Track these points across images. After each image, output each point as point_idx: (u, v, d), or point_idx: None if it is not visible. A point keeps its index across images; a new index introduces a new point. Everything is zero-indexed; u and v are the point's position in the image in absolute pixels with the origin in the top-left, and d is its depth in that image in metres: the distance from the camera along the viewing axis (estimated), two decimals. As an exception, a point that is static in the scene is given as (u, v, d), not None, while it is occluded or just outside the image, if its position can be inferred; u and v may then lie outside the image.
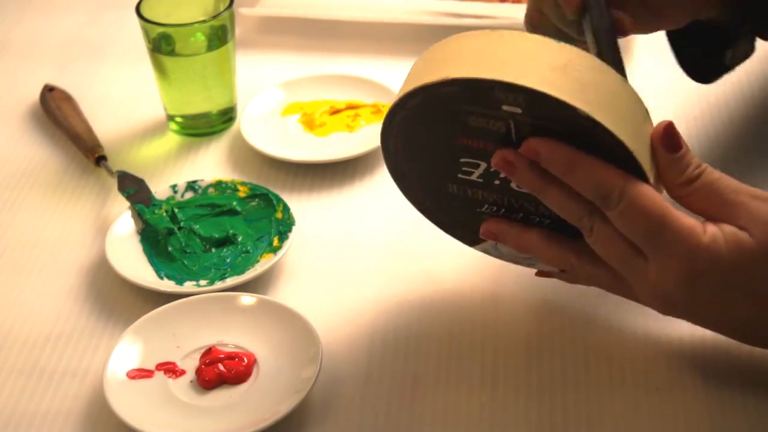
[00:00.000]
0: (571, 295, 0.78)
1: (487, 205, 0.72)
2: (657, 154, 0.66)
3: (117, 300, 0.81)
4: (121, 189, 0.88)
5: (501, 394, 0.72)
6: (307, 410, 0.72)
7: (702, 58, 0.88)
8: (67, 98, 1.00)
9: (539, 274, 0.75)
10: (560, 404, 0.71)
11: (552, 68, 0.63)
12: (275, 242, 0.84)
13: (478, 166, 0.70)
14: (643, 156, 0.65)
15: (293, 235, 0.84)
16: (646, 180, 0.65)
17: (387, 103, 0.98)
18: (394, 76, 1.02)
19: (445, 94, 0.66)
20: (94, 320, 0.80)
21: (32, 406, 0.74)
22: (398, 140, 0.72)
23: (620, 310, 0.77)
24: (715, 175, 0.67)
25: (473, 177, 0.71)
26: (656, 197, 0.65)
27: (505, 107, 0.64)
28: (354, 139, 0.95)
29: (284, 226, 0.85)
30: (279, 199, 0.87)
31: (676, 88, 0.99)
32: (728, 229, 0.65)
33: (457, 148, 0.70)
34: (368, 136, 0.95)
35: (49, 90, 1.01)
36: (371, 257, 0.84)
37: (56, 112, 0.99)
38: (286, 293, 0.81)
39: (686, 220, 0.65)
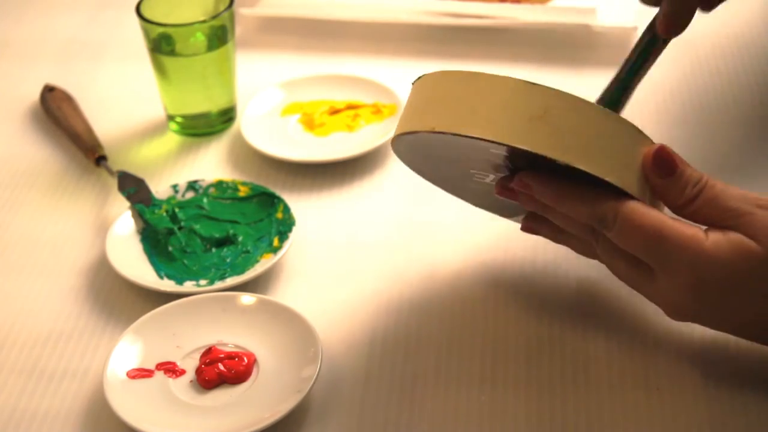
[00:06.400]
0: (571, 296, 0.79)
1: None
2: (650, 181, 0.67)
3: (117, 300, 0.81)
4: (121, 189, 0.88)
5: (501, 394, 0.72)
6: (307, 410, 0.72)
7: None
8: (67, 98, 1.00)
9: (525, 228, 0.76)
10: (560, 404, 0.71)
11: (530, 118, 0.65)
12: (275, 242, 0.84)
13: (488, 176, 0.73)
14: (633, 183, 0.66)
15: (293, 235, 0.84)
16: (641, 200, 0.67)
17: (387, 103, 0.98)
18: (394, 76, 1.02)
19: (436, 137, 0.68)
20: (94, 320, 0.80)
21: (32, 406, 0.74)
22: (408, 160, 0.77)
23: (620, 309, 0.77)
24: (716, 189, 0.66)
25: (488, 180, 0.73)
26: (651, 213, 0.66)
27: (492, 150, 0.67)
28: (354, 139, 0.95)
29: (284, 226, 0.85)
30: (279, 199, 0.87)
31: (680, 86, 0.99)
32: (734, 236, 0.65)
33: (464, 166, 0.73)
34: (368, 136, 0.95)
35: (49, 90, 1.01)
36: (371, 257, 0.84)
37: (56, 112, 0.99)
38: (286, 293, 0.81)
39: (686, 229, 0.65)
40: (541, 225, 0.74)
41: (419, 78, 0.71)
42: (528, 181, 0.69)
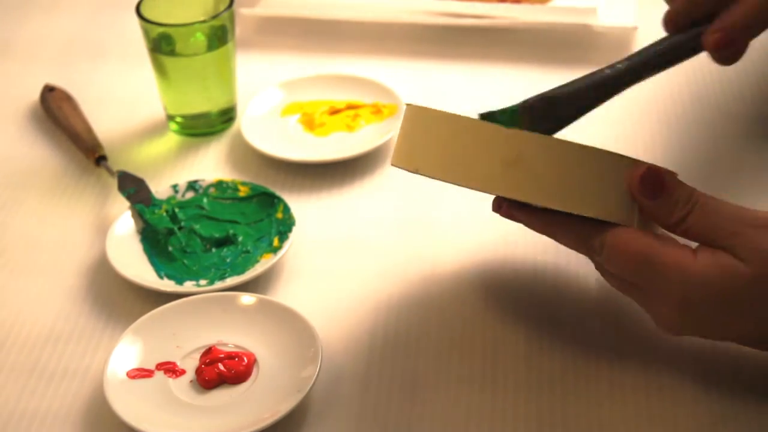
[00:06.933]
0: (571, 296, 0.79)
1: None
2: (639, 203, 0.68)
3: (117, 300, 0.81)
4: (121, 189, 0.88)
5: (501, 394, 0.72)
6: (307, 410, 0.72)
7: None
8: (67, 98, 1.00)
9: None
10: (560, 404, 0.71)
11: (504, 164, 0.67)
12: (275, 242, 0.84)
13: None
14: (615, 211, 0.67)
15: (293, 235, 0.84)
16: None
17: (387, 103, 0.98)
18: (394, 76, 1.02)
19: None
20: (94, 320, 0.80)
21: (32, 405, 0.74)
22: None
23: (620, 310, 0.77)
24: (707, 207, 0.66)
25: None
26: (637, 239, 0.67)
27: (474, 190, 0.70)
28: (354, 139, 0.95)
29: (284, 226, 0.85)
30: (279, 199, 0.87)
31: (672, 91, 0.99)
32: (723, 257, 0.65)
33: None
34: (368, 136, 0.95)
35: (49, 90, 1.01)
36: (371, 257, 0.84)
37: (56, 112, 0.99)
38: (286, 293, 0.81)
39: (673, 252, 0.66)
40: None
41: (408, 105, 0.72)
42: (514, 213, 0.71)
